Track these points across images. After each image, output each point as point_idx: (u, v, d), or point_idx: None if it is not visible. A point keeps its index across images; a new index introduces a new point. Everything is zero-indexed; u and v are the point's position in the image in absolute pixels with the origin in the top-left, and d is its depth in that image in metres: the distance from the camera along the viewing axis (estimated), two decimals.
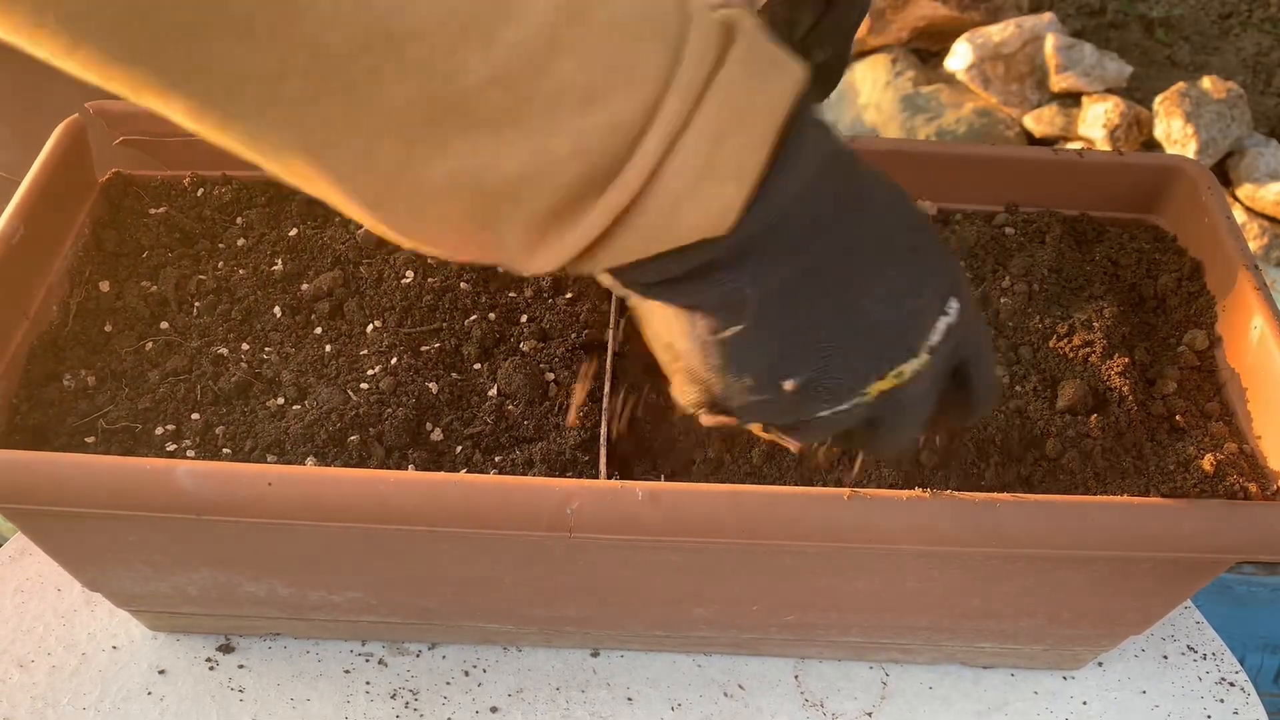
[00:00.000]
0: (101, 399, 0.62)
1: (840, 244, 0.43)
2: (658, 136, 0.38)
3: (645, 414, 0.63)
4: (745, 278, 0.43)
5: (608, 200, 0.39)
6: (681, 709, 0.67)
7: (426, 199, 0.39)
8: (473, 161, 0.38)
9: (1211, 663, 0.70)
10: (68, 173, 0.69)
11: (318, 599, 0.63)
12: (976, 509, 0.54)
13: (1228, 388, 0.65)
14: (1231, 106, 2.08)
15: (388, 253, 0.70)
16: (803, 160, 0.41)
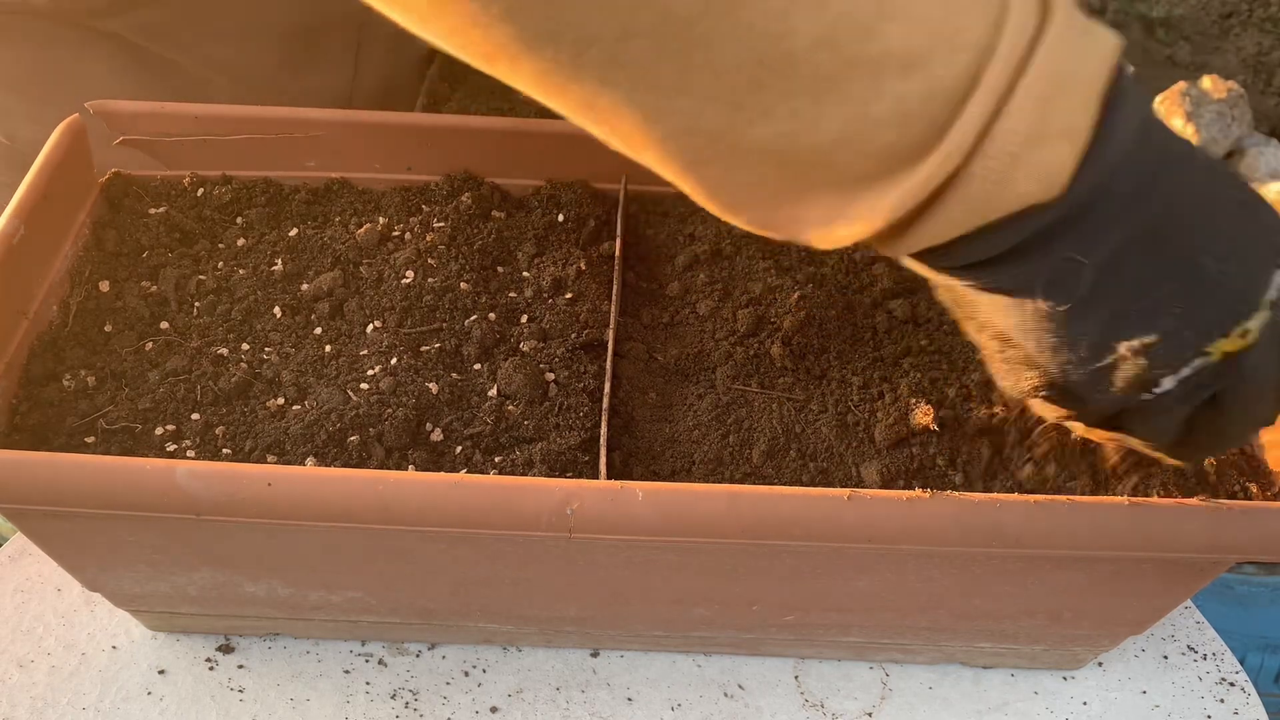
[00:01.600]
0: (101, 399, 0.62)
1: (1169, 202, 0.42)
2: (982, 102, 0.38)
3: (646, 414, 0.63)
4: (1079, 245, 0.42)
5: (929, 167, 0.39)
6: (681, 709, 0.67)
7: (742, 161, 0.39)
8: (791, 125, 0.38)
9: (1212, 663, 0.70)
10: (68, 173, 0.69)
11: (317, 599, 0.63)
12: (976, 509, 0.54)
13: None
14: (1232, 106, 2.08)
15: (388, 253, 0.70)
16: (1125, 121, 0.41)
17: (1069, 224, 0.41)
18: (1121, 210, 0.42)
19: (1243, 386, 0.45)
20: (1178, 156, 0.43)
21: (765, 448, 0.60)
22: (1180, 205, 0.43)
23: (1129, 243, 0.42)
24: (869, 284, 0.69)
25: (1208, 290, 0.43)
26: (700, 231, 0.73)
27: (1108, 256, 0.42)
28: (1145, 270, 0.43)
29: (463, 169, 0.75)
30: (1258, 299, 0.43)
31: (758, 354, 0.65)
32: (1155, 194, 0.42)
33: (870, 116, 0.38)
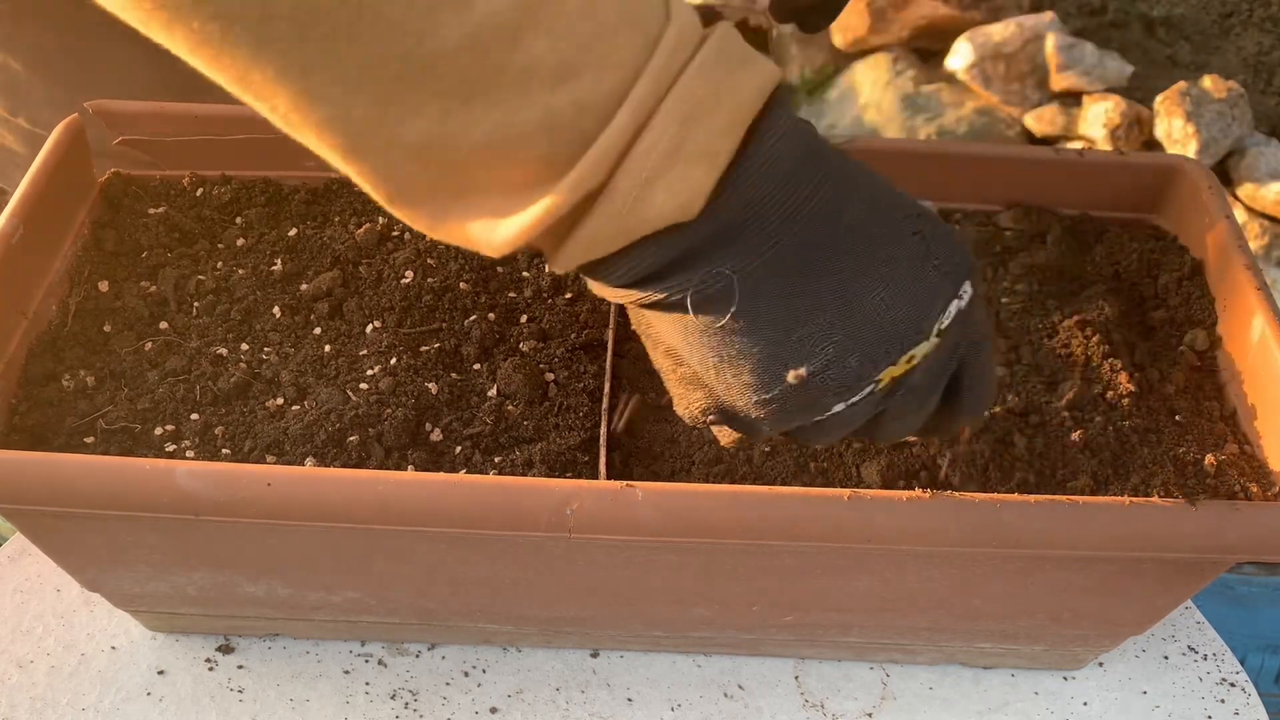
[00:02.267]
0: (100, 399, 0.62)
1: (830, 227, 0.43)
2: (626, 117, 0.39)
3: (645, 414, 0.63)
4: (726, 262, 0.42)
5: (575, 175, 0.39)
6: (681, 709, 0.67)
7: (399, 157, 0.39)
8: (443, 126, 0.38)
9: (1212, 663, 0.70)
10: (67, 172, 0.69)
11: (317, 599, 0.63)
12: (976, 509, 0.54)
13: (1228, 388, 0.65)
14: (1232, 106, 2.08)
15: (387, 253, 0.70)
16: (779, 146, 0.42)
17: (715, 243, 0.42)
18: (772, 233, 0.42)
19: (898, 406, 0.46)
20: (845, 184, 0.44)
21: (765, 448, 0.60)
22: (843, 231, 0.43)
23: (779, 268, 0.43)
24: None
25: (868, 319, 0.43)
26: None
27: (759, 276, 0.43)
28: (805, 294, 0.43)
29: None
30: (928, 326, 0.44)
31: None
32: (813, 219, 0.43)
33: (519, 124, 0.38)
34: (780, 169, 0.42)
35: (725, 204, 0.41)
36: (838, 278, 0.43)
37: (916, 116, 2.17)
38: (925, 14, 2.23)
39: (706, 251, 0.42)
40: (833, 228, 0.43)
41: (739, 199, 0.42)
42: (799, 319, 0.43)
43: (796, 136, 0.42)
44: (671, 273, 0.43)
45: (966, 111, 2.19)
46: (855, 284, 0.43)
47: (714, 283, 0.43)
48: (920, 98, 2.20)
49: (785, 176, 0.42)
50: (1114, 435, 0.61)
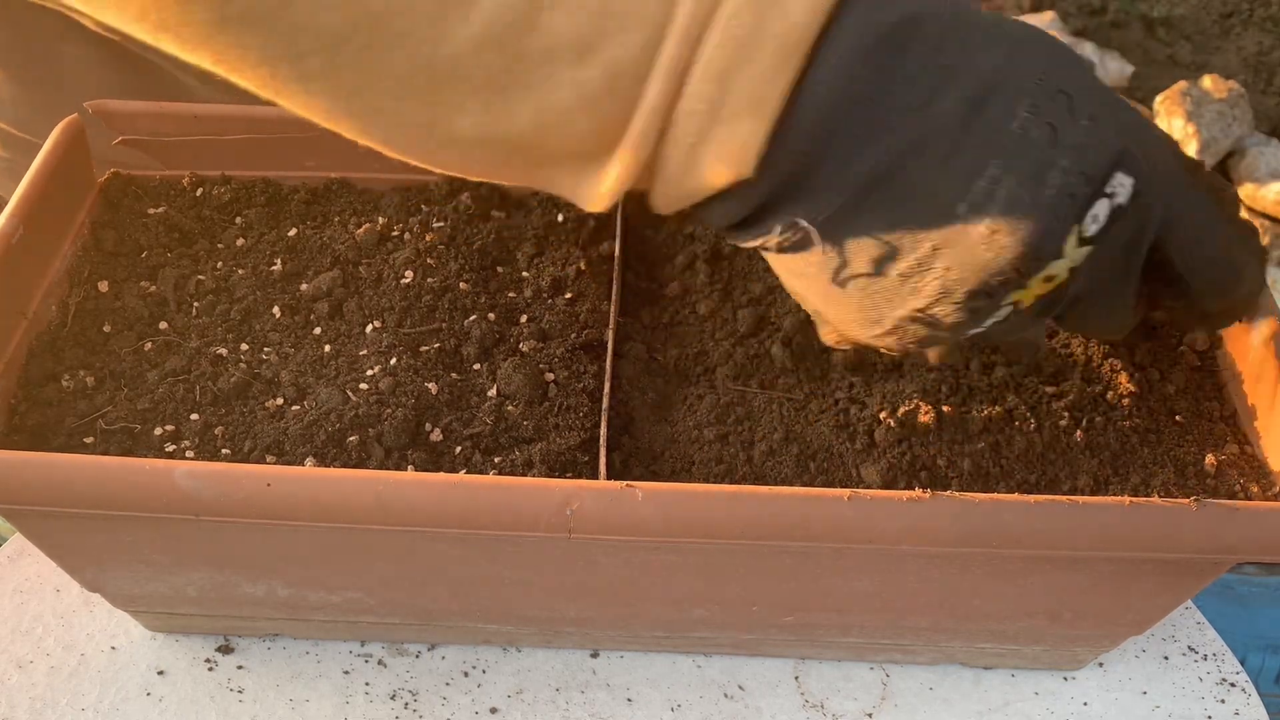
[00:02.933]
0: (100, 399, 0.62)
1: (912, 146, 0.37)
2: (660, 81, 0.37)
3: (646, 414, 0.63)
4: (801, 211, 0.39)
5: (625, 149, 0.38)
6: (681, 709, 0.67)
7: (466, 149, 0.39)
8: (489, 117, 0.38)
9: (1213, 663, 0.70)
10: (67, 172, 0.69)
11: (317, 599, 0.63)
12: (976, 509, 0.53)
13: (1229, 388, 0.65)
14: (1232, 106, 2.08)
15: (387, 253, 0.70)
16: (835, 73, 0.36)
17: (786, 192, 0.39)
18: (844, 172, 0.38)
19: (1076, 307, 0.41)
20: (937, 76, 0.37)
21: (765, 448, 0.60)
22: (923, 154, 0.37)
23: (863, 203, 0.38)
24: None
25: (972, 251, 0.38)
26: (700, 231, 0.73)
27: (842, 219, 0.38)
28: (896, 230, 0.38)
29: None
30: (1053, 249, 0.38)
31: (758, 354, 0.65)
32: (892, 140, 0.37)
33: (557, 105, 0.37)
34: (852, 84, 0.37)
35: (785, 153, 0.37)
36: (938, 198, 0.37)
37: None
38: None
39: (779, 202, 0.39)
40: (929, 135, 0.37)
41: (803, 140, 0.37)
42: (897, 253, 0.39)
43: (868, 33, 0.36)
44: (752, 223, 0.40)
45: None
46: (957, 205, 0.37)
47: (793, 234, 0.39)
48: None
49: (860, 93, 0.37)
50: (1114, 435, 0.61)
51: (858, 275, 0.39)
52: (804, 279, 0.41)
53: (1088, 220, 0.38)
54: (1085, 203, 0.37)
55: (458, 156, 0.40)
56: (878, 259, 0.39)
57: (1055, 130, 0.37)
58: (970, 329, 0.40)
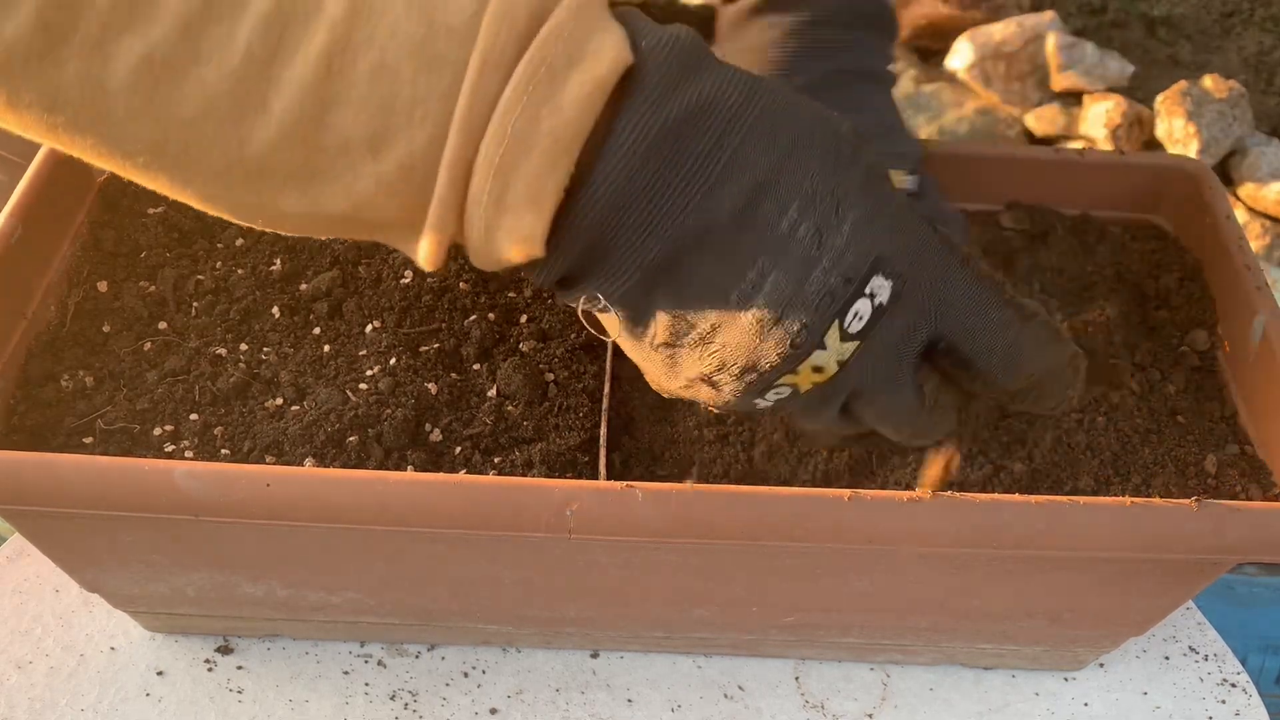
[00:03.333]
0: (99, 399, 0.62)
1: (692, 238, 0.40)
2: (446, 174, 0.38)
3: (646, 414, 0.63)
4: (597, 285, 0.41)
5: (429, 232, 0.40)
6: (681, 710, 0.67)
7: (299, 222, 0.41)
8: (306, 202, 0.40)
9: (1213, 664, 0.70)
10: (66, 172, 0.69)
11: (316, 600, 0.63)
12: (976, 509, 0.53)
13: (1229, 388, 0.65)
14: (1233, 106, 2.08)
15: (387, 253, 0.70)
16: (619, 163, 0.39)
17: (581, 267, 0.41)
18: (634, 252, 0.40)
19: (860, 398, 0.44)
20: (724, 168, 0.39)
21: (765, 448, 0.60)
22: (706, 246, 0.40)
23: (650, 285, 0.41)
24: None
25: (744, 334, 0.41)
26: None
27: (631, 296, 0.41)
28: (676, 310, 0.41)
29: None
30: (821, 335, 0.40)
31: None
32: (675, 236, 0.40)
33: (361, 192, 0.39)
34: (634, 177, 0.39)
35: (573, 237, 0.40)
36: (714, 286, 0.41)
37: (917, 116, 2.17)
38: (925, 13, 2.23)
39: (580, 276, 0.42)
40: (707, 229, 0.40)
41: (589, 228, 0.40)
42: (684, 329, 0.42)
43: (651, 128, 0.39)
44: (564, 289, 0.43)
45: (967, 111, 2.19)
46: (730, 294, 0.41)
47: (594, 303, 0.42)
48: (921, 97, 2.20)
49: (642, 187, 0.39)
50: (1115, 435, 0.61)
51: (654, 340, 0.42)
52: (620, 338, 0.44)
53: (850, 318, 0.40)
54: (846, 302, 0.40)
55: (294, 227, 0.42)
56: (670, 329, 0.42)
57: (820, 232, 0.40)
58: (751, 400, 0.42)
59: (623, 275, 0.41)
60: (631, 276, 0.41)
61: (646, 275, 0.41)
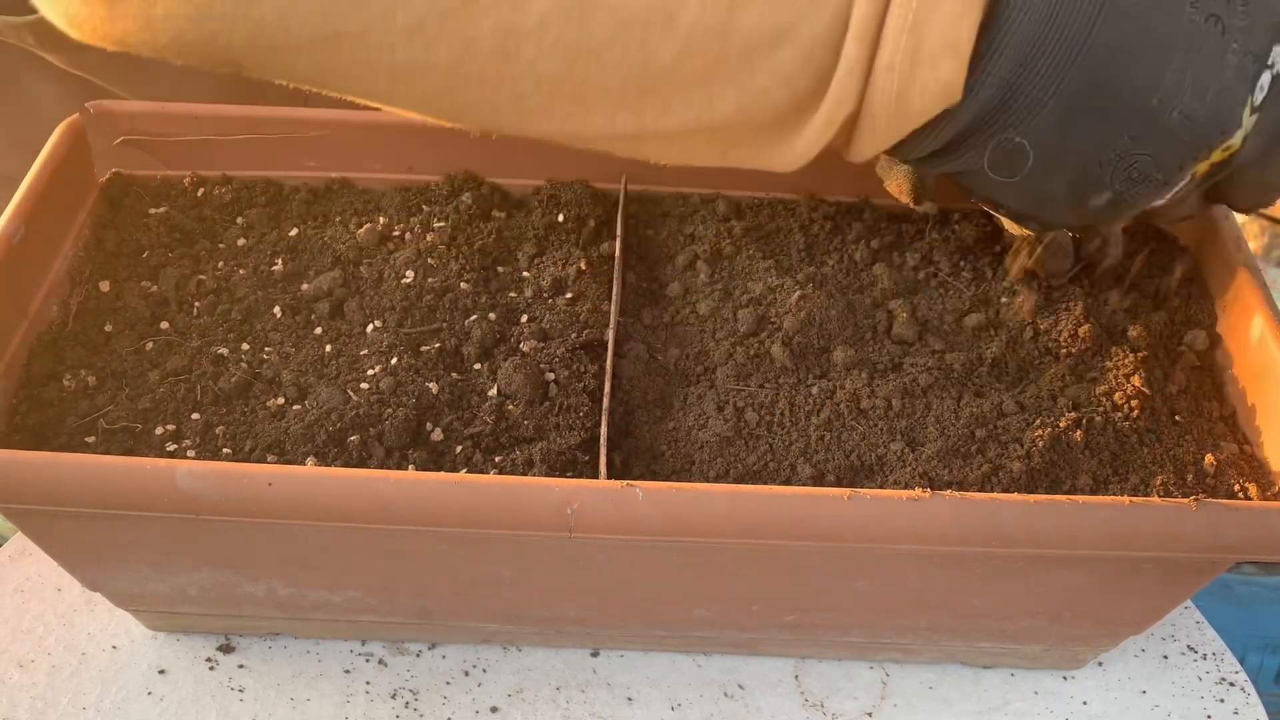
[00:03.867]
0: (101, 399, 0.62)
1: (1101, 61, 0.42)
2: (853, 49, 0.41)
3: (646, 414, 0.63)
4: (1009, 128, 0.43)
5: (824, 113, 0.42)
6: (681, 709, 0.67)
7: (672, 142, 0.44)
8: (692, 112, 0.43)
9: (1212, 663, 0.70)
10: (68, 173, 0.69)
11: (318, 599, 0.64)
12: (976, 509, 0.54)
13: (1228, 388, 0.65)
14: None
15: (388, 253, 0.70)
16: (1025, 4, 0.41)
17: (992, 114, 0.43)
18: (1044, 87, 0.42)
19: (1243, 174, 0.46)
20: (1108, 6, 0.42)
21: (765, 448, 0.60)
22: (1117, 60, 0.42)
23: (1064, 114, 0.43)
24: (869, 284, 0.69)
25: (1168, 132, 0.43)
26: (700, 231, 0.73)
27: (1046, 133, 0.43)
28: (1092, 133, 0.43)
29: (463, 169, 0.75)
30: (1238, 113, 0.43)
31: (758, 354, 0.65)
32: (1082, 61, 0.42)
33: (756, 89, 0.42)
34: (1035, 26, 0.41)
35: (986, 81, 0.42)
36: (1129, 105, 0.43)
37: None
38: None
39: (986, 122, 0.43)
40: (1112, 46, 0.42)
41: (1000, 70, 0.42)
42: (1098, 149, 0.44)
43: None
44: (959, 147, 0.44)
45: None
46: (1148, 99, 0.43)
47: (1003, 148, 0.44)
48: None
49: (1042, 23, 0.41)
50: (1113, 434, 0.61)
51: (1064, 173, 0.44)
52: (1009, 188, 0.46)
53: (1256, 91, 0.43)
54: (1255, 77, 0.43)
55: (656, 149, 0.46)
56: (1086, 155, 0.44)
57: (1220, 20, 0.42)
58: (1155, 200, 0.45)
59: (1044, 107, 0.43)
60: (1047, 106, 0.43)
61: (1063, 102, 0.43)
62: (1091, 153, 0.44)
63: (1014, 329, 0.66)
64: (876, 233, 0.73)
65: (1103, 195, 0.45)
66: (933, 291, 0.69)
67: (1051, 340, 0.66)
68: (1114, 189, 0.45)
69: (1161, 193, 0.45)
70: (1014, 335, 0.66)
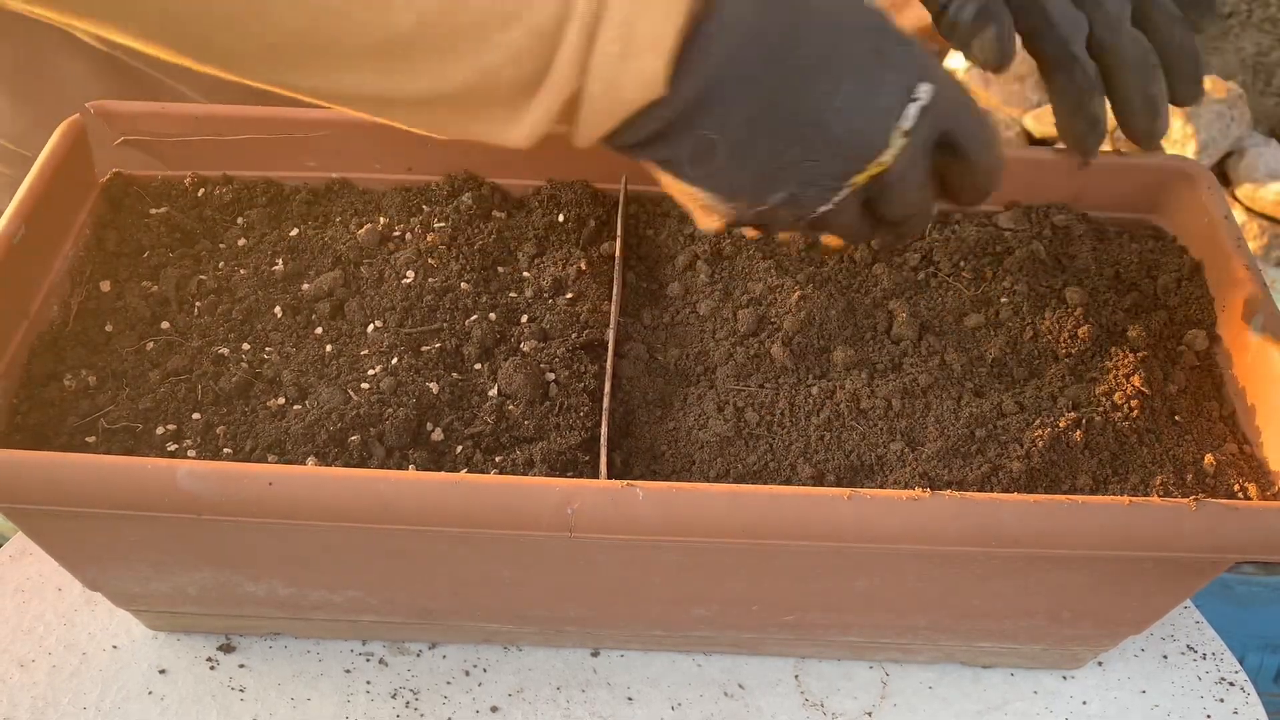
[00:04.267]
0: (102, 399, 0.62)
1: (790, 73, 0.49)
2: (573, 36, 0.46)
3: (646, 414, 0.63)
4: (706, 126, 0.49)
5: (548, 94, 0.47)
6: (681, 708, 0.67)
7: (419, 109, 0.48)
8: (432, 81, 0.47)
9: (1211, 662, 0.70)
10: (68, 173, 0.69)
11: (318, 599, 0.64)
12: (976, 509, 0.54)
13: (1227, 388, 0.65)
14: (1231, 106, 2.08)
15: (388, 253, 0.70)
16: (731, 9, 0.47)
17: (693, 111, 0.48)
18: (740, 91, 0.48)
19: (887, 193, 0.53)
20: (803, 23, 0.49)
21: (765, 448, 0.60)
22: (801, 76, 0.49)
23: (752, 120, 0.49)
24: (870, 284, 0.69)
25: (832, 144, 0.50)
26: (700, 231, 0.73)
27: (735, 134, 0.49)
28: (774, 140, 0.50)
29: (463, 169, 0.75)
30: (889, 134, 0.50)
31: (758, 354, 0.65)
32: (774, 69, 0.48)
33: (488, 65, 0.46)
34: (742, 19, 0.47)
35: (688, 80, 0.47)
36: (805, 119, 0.49)
37: None
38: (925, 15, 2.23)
39: (688, 118, 0.49)
40: (797, 66, 0.49)
41: (701, 71, 0.47)
42: (776, 153, 0.50)
43: None
44: (664, 138, 0.49)
45: None
46: (820, 115, 0.49)
47: (700, 144, 0.50)
48: None
49: (749, 27, 0.47)
50: (1113, 434, 0.61)
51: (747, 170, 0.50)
52: (700, 182, 0.52)
53: (905, 119, 0.50)
54: (904, 106, 0.50)
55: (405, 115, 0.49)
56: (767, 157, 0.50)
57: (882, 54, 0.50)
58: (822, 205, 0.52)
59: (733, 109, 0.49)
60: (740, 109, 0.49)
61: (754, 107, 0.49)
62: (773, 156, 0.50)
63: (1014, 329, 0.66)
64: None
65: (779, 194, 0.51)
66: (933, 291, 0.69)
67: (1051, 340, 0.66)
68: (789, 190, 0.50)
69: (828, 198, 0.51)
70: (1014, 335, 0.66)
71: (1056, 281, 0.69)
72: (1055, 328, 0.66)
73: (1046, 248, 0.71)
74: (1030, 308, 0.67)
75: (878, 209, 0.54)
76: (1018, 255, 0.70)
